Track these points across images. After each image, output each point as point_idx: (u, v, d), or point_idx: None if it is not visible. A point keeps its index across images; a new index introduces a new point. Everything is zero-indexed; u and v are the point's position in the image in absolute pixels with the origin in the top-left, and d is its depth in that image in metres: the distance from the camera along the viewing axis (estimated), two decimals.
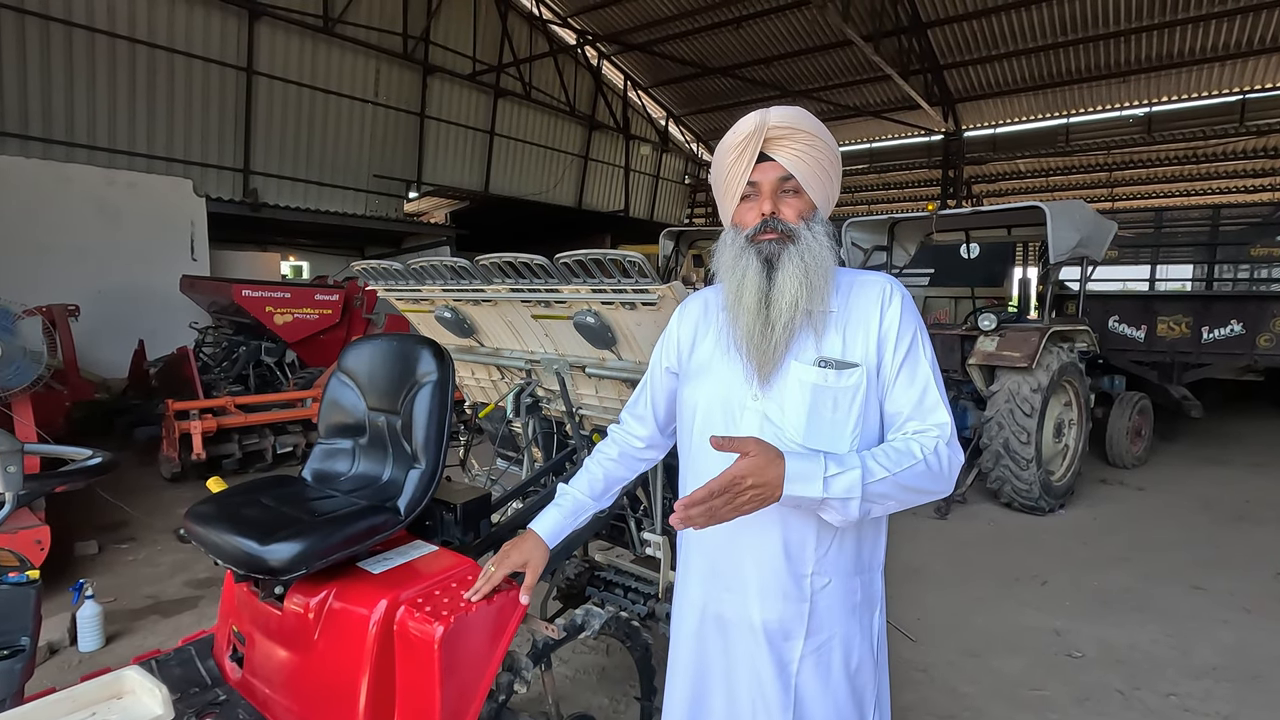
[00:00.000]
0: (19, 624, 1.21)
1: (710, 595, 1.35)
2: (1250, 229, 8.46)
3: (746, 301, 1.23)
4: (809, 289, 1.21)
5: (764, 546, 1.28)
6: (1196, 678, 2.94)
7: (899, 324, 1.25)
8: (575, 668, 2.91)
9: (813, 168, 1.23)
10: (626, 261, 1.80)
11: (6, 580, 1.23)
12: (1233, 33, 13.05)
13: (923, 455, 1.18)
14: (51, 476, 1.33)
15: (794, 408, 1.23)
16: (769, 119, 1.21)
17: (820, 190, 1.26)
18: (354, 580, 1.54)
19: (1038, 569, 4.09)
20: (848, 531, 1.29)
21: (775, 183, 1.24)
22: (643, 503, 2.42)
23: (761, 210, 1.24)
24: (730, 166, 1.25)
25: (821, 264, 1.22)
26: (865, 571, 1.33)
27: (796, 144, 1.22)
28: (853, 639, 1.31)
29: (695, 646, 1.38)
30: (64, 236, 8.64)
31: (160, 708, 1.14)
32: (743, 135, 1.22)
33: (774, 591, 1.28)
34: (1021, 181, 18.84)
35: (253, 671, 1.62)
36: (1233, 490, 5.68)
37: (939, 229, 6.58)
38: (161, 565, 4.06)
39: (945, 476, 1.21)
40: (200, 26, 11.36)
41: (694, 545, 1.40)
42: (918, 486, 1.18)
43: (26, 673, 1.23)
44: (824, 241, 1.24)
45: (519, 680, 1.63)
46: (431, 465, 1.69)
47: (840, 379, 1.23)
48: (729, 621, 1.32)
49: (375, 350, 1.89)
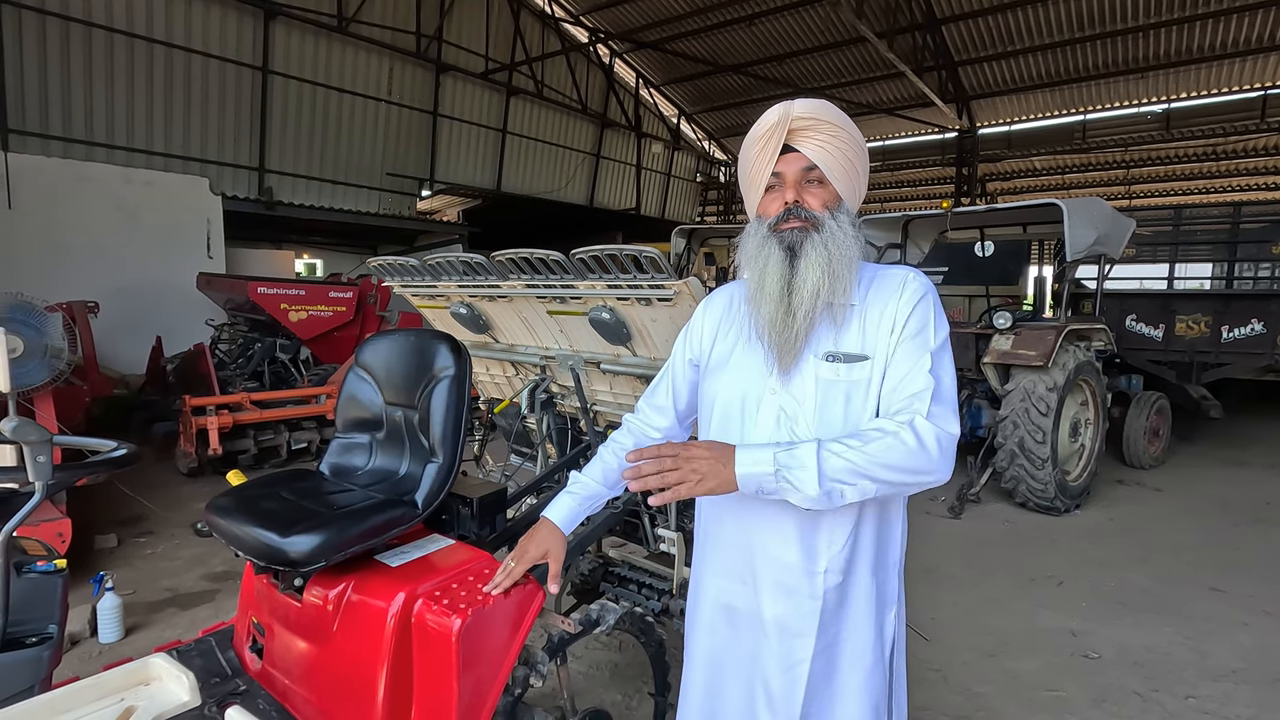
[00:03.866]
0: (47, 612, 1.23)
1: (723, 588, 1.36)
2: (1272, 226, 8.32)
3: (769, 289, 1.23)
4: (831, 278, 1.20)
5: (778, 542, 1.27)
6: (1216, 680, 2.90)
7: (909, 312, 1.23)
8: (589, 664, 2.92)
9: (837, 159, 1.23)
10: (643, 257, 1.80)
11: (35, 569, 1.25)
12: (1254, 27, 12.84)
13: (895, 430, 1.14)
14: (79, 466, 1.34)
15: (807, 401, 1.24)
16: (793, 110, 1.21)
17: (845, 182, 1.25)
18: (372, 573, 1.56)
19: (1053, 569, 4.05)
20: (863, 530, 1.27)
21: (799, 173, 1.24)
22: None
23: (785, 199, 1.24)
24: (755, 158, 1.25)
25: (845, 254, 1.21)
26: (881, 571, 1.32)
27: (821, 135, 1.21)
28: (866, 638, 1.30)
29: (709, 638, 1.39)
30: (83, 234, 8.75)
31: (187, 694, 1.16)
32: (767, 127, 1.23)
33: (785, 587, 1.28)
34: (1037, 179, 18.65)
35: (272, 662, 1.64)
36: (1252, 492, 5.61)
37: (953, 226, 6.54)
38: (179, 559, 4.11)
39: (927, 454, 1.14)
40: (216, 26, 11.47)
41: (710, 538, 1.41)
42: (893, 464, 1.13)
43: (54, 660, 1.25)
44: (849, 232, 1.23)
45: (535, 674, 1.64)
46: (449, 459, 1.70)
47: (850, 372, 1.22)
48: (740, 614, 1.33)
49: (392, 345, 1.90)
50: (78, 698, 1.12)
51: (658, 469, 1.13)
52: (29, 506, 1.18)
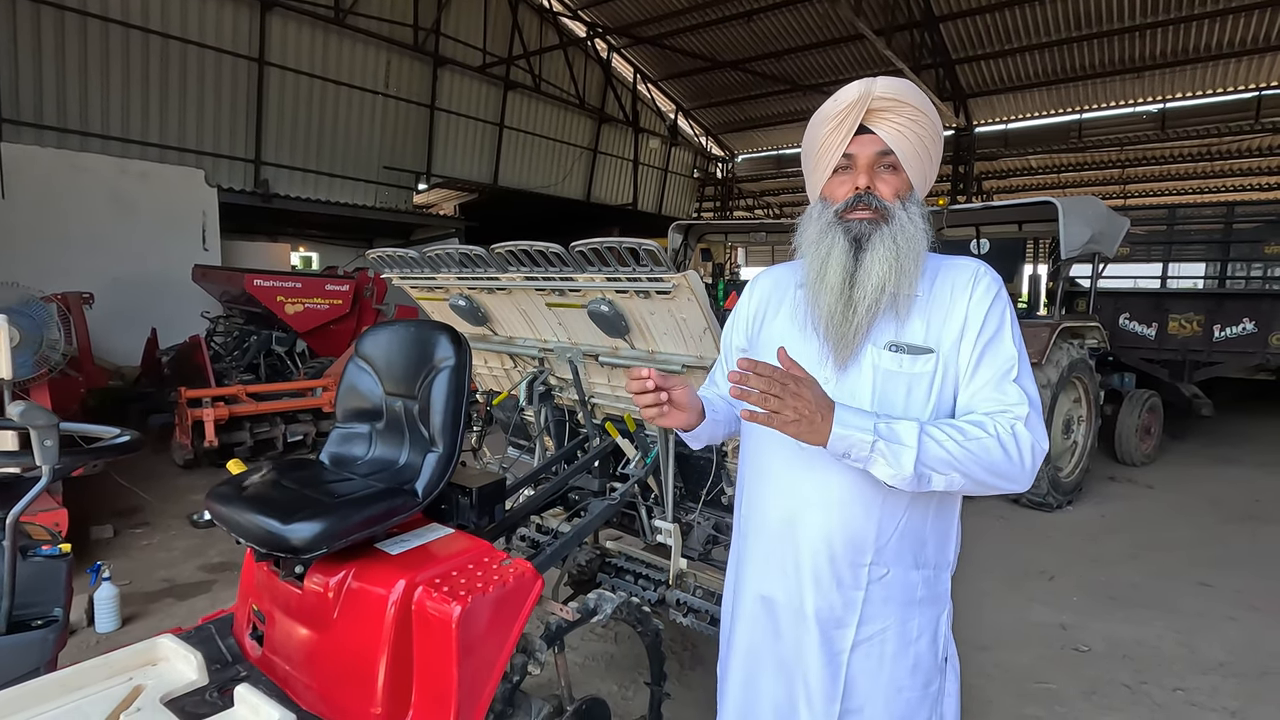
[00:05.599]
0: (52, 595, 1.24)
1: (764, 579, 1.32)
2: (1265, 227, 8.38)
3: (830, 280, 1.17)
4: (898, 272, 1.14)
5: (823, 533, 1.23)
6: (1204, 673, 2.94)
7: (985, 310, 1.18)
8: (584, 655, 2.94)
9: (914, 144, 1.16)
10: (642, 250, 1.81)
11: (39, 553, 1.26)
12: (1249, 28, 12.90)
13: (995, 432, 1.09)
14: (85, 451, 1.35)
15: (866, 392, 1.19)
16: (874, 88, 1.13)
17: (919, 169, 1.20)
18: (373, 561, 1.57)
19: (1045, 565, 4.09)
20: (911, 523, 1.23)
21: (873, 157, 1.17)
22: (653, 491, 2.44)
23: (856, 184, 1.17)
24: (826, 137, 1.18)
25: (914, 247, 1.16)
26: (929, 568, 1.27)
27: (900, 118, 1.14)
28: (910, 634, 1.25)
29: (748, 629, 1.36)
30: (77, 225, 8.70)
31: (195, 673, 1.17)
32: (844, 105, 1.15)
33: (828, 579, 1.23)
34: (1033, 177, 18.73)
35: (273, 649, 1.65)
36: (1242, 489, 5.66)
37: (950, 224, 6.56)
38: (175, 550, 4.11)
39: (1020, 462, 1.10)
40: (213, 17, 11.41)
41: (750, 529, 1.37)
42: (987, 464, 1.09)
43: (60, 643, 1.26)
44: (919, 224, 1.18)
45: (533, 662, 1.66)
46: (449, 449, 1.71)
47: (914, 364, 1.17)
48: (780, 605, 1.30)
49: (393, 336, 1.91)
50: (87, 676, 1.13)
51: (765, 388, 1.04)
52: (36, 489, 1.19)
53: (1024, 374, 1.18)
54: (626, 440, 2.40)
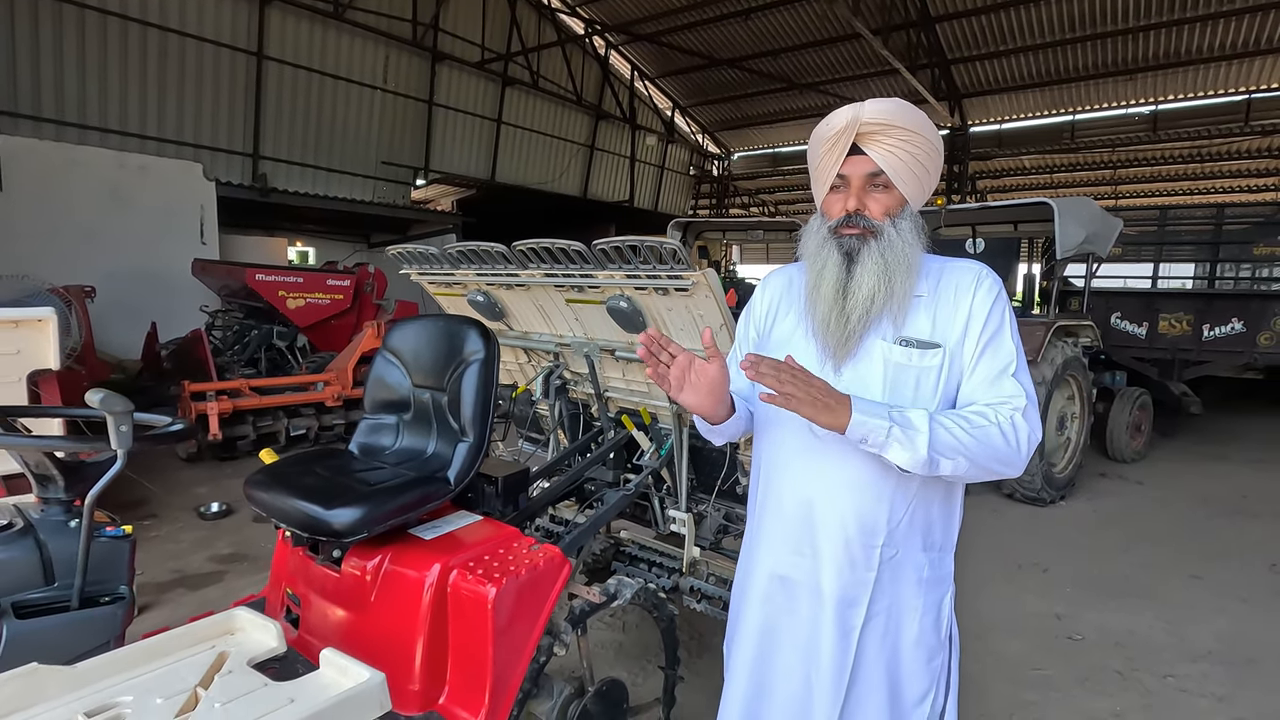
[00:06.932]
0: (118, 574, 1.30)
1: (780, 559, 1.39)
2: (1254, 228, 8.53)
3: (824, 291, 1.27)
4: (887, 285, 1.24)
5: (839, 516, 1.31)
6: (1193, 661, 3.04)
7: (988, 310, 1.27)
8: (594, 642, 3.00)
9: (906, 162, 1.24)
10: (664, 248, 1.88)
11: (105, 534, 1.32)
12: (1240, 32, 13.07)
13: (996, 421, 1.20)
14: (153, 435, 1.43)
15: (875, 385, 1.27)
16: (862, 114, 1.21)
17: (913, 184, 1.28)
18: (408, 545, 1.64)
19: (1039, 557, 4.19)
20: (919, 507, 1.31)
21: (864, 178, 1.25)
22: (666, 482, 2.51)
23: (846, 206, 1.27)
24: (821, 158, 1.28)
25: (902, 260, 1.25)
26: (935, 550, 1.36)
27: (890, 139, 1.22)
28: (915, 612, 1.34)
29: (762, 609, 1.43)
30: (76, 218, 8.69)
31: (275, 640, 1.23)
32: (835, 130, 1.23)
33: (845, 560, 1.31)
34: (1026, 178, 18.88)
35: (309, 631, 1.71)
36: (1230, 485, 5.78)
37: (947, 223, 6.65)
38: (184, 541, 4.16)
39: (1016, 449, 1.21)
40: (211, 10, 11.36)
41: (767, 512, 1.44)
42: (990, 451, 1.19)
43: (127, 618, 1.32)
44: (908, 238, 1.26)
45: (559, 643, 1.73)
46: (479, 438, 1.78)
47: (923, 358, 1.26)
48: (796, 584, 1.37)
49: (421, 330, 1.97)
50: (172, 644, 1.19)
51: (777, 374, 1.12)
52: (112, 471, 1.25)
53: (1021, 369, 1.27)
54: (641, 433, 2.47)
